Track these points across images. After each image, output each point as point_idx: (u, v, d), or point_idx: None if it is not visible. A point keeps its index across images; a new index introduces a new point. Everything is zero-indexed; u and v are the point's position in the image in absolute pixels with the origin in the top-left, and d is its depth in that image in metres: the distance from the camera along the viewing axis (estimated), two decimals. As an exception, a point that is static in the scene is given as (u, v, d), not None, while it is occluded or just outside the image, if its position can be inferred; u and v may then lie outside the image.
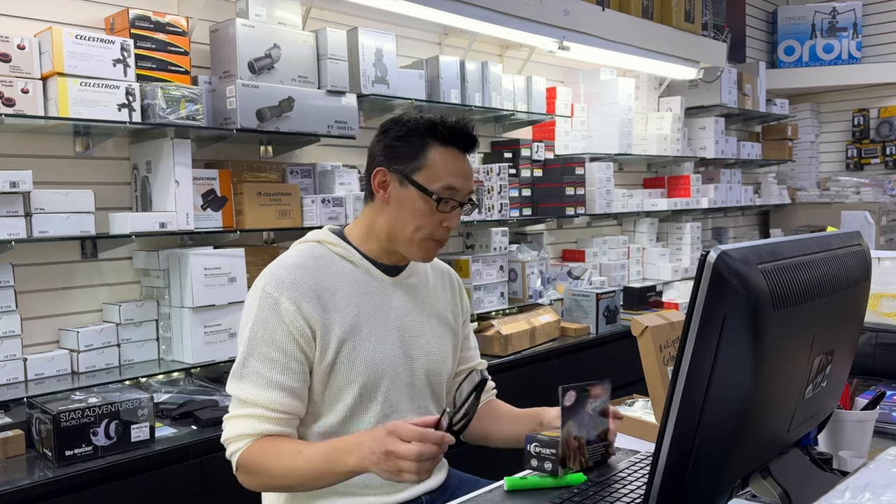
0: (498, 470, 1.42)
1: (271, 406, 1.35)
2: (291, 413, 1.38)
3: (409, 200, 1.43)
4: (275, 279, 1.39)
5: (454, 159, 1.44)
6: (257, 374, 1.36)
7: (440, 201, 1.42)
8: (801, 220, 5.41)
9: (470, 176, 1.48)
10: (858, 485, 0.80)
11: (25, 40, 1.98)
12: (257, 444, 1.35)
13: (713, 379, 0.86)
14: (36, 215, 1.97)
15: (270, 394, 1.35)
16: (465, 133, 1.46)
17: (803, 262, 0.96)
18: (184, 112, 2.17)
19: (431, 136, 1.44)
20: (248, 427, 1.36)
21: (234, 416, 1.38)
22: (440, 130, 1.44)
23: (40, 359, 2.11)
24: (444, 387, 1.57)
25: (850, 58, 5.52)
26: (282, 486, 1.38)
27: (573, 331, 3.20)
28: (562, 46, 3.30)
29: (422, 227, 1.43)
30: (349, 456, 1.26)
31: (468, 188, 1.47)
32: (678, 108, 4.30)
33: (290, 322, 1.36)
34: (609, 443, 1.39)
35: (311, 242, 1.49)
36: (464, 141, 1.46)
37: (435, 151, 1.43)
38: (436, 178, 1.42)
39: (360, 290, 1.45)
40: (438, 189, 1.42)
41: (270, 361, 1.36)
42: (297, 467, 1.31)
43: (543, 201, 3.50)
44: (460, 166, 1.45)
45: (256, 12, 2.43)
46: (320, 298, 1.40)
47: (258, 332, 1.37)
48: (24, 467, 1.76)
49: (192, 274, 2.22)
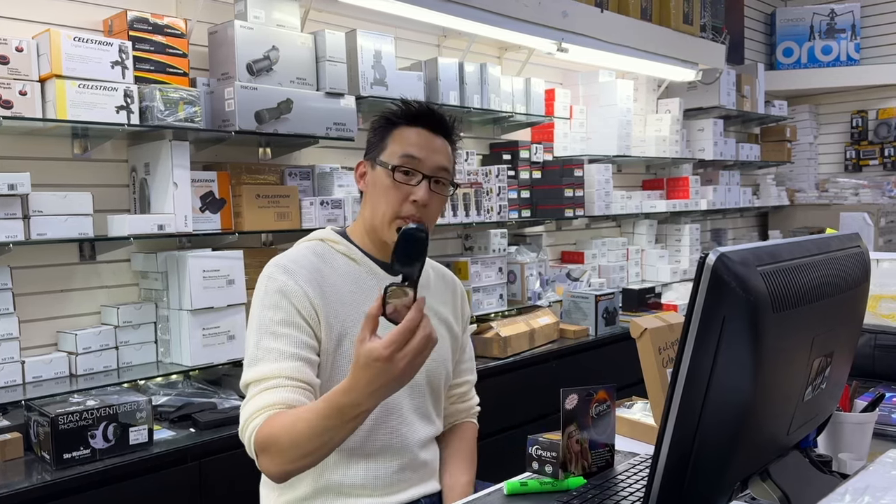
0: (497, 473, 1.42)
1: (289, 374, 1.30)
2: (309, 383, 1.32)
3: (378, 180, 1.46)
4: (280, 267, 1.40)
5: (417, 134, 1.45)
6: (271, 351, 1.32)
7: (395, 170, 1.42)
8: (799, 222, 5.42)
9: (437, 150, 1.46)
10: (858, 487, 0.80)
11: (23, 42, 1.98)
12: (279, 417, 1.25)
13: (712, 381, 0.86)
14: (34, 217, 1.97)
15: (287, 363, 1.31)
16: (429, 111, 1.47)
17: (802, 264, 0.95)
18: (182, 114, 2.17)
19: (396, 118, 1.47)
20: (264, 400, 1.28)
21: (250, 397, 1.31)
22: (404, 112, 1.47)
23: (38, 361, 2.10)
24: (442, 388, 1.57)
25: (848, 59, 5.53)
26: (296, 456, 1.22)
27: (572, 332, 3.20)
28: (560, 48, 3.30)
29: (390, 203, 1.43)
30: (351, 395, 1.15)
31: (434, 161, 1.45)
32: (677, 110, 4.30)
33: (299, 302, 1.36)
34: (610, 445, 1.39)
35: (314, 241, 1.50)
36: (429, 119, 1.47)
37: (398, 131, 1.46)
38: (395, 152, 1.44)
39: (362, 287, 1.45)
40: (396, 160, 1.43)
41: (284, 337, 1.34)
42: (307, 433, 1.20)
43: (542, 203, 3.50)
44: (424, 140, 1.45)
45: (255, 14, 2.43)
46: (322, 289, 1.40)
47: (267, 314, 1.36)
48: (22, 470, 1.75)
49: (190, 276, 2.22)
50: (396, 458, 1.44)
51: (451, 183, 1.51)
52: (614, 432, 1.40)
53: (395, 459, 1.44)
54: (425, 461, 1.50)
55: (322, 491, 1.41)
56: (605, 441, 1.38)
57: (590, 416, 1.35)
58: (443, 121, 1.49)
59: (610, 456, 1.39)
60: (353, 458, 1.41)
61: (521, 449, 1.35)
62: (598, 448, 1.36)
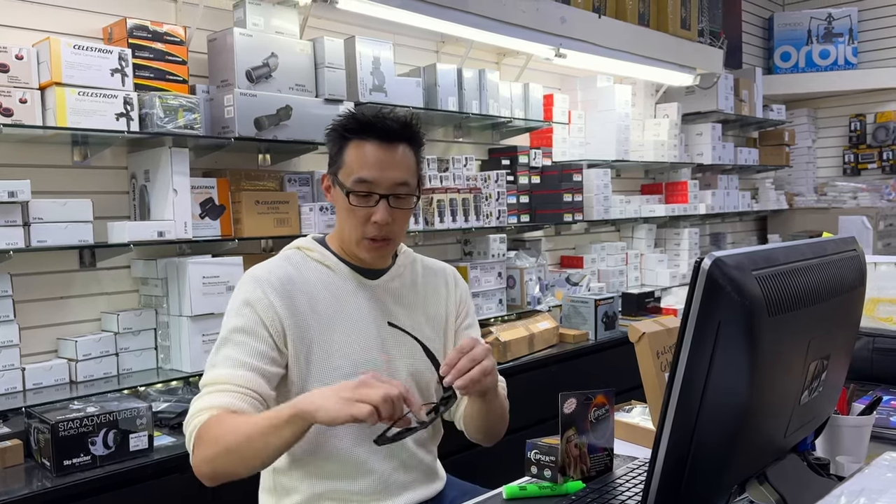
0: (496, 478, 1.42)
1: (239, 382, 1.32)
2: (260, 394, 1.33)
3: (338, 200, 1.46)
4: (251, 277, 1.43)
5: (369, 152, 1.40)
6: (229, 359, 1.35)
7: (350, 195, 1.41)
8: (798, 226, 5.42)
9: (393, 165, 1.41)
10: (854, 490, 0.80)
11: (23, 50, 1.99)
12: (219, 415, 1.27)
13: (709, 385, 0.87)
14: (34, 225, 1.98)
15: (240, 372, 1.33)
16: (377, 124, 1.40)
17: (798, 268, 0.96)
18: (182, 121, 2.18)
19: (346, 132, 1.43)
20: (212, 400, 1.30)
21: (199, 396, 1.33)
22: (354, 124, 1.42)
23: (38, 368, 2.11)
24: (431, 387, 1.54)
25: (846, 63, 5.54)
26: (230, 457, 1.24)
27: (572, 337, 3.20)
28: (558, 54, 3.32)
29: (353, 226, 1.43)
30: (299, 401, 1.20)
31: (388, 179, 1.40)
32: (675, 115, 4.31)
33: (263, 312, 1.37)
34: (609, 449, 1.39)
35: (291, 250, 1.52)
36: (382, 129, 1.40)
37: (351, 146, 1.43)
38: (349, 173, 1.42)
39: (336, 293, 1.46)
40: (350, 184, 1.41)
41: (243, 346, 1.36)
42: (243, 430, 1.22)
43: (541, 208, 3.50)
44: (375, 157, 1.40)
45: (254, 21, 2.44)
46: (293, 299, 1.41)
47: (231, 322, 1.39)
48: (22, 477, 1.76)
49: (190, 282, 2.22)
50: (390, 460, 1.45)
51: (415, 194, 1.46)
52: (613, 436, 1.41)
53: (389, 462, 1.45)
54: (421, 460, 1.51)
55: (318, 497, 1.42)
56: (604, 445, 1.38)
57: (588, 420, 1.35)
58: (397, 128, 1.42)
59: (609, 460, 1.39)
60: (346, 463, 1.42)
61: (521, 453, 1.36)
62: (597, 452, 1.37)
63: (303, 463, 1.43)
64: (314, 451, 1.42)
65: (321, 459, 1.42)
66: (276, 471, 1.47)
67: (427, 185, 2.93)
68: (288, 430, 1.20)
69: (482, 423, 1.52)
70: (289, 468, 1.45)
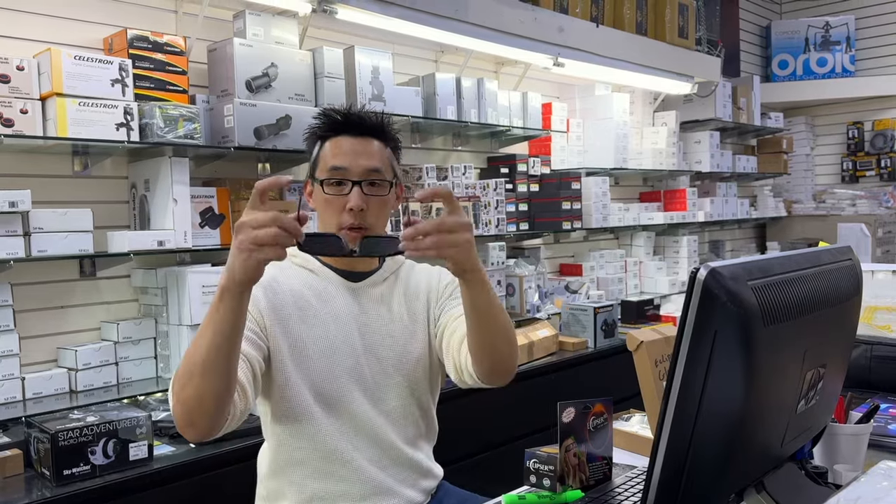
0: (495, 487, 1.42)
1: None
2: (243, 352, 1.30)
3: (318, 197, 1.49)
4: None
5: (342, 143, 1.47)
6: None
7: (323, 183, 1.45)
8: (797, 233, 5.43)
9: (365, 154, 1.45)
10: (850, 498, 0.81)
11: (24, 61, 2.00)
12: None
13: (705, 394, 0.87)
14: (34, 234, 1.98)
15: None
16: (351, 117, 1.47)
17: (793, 277, 0.97)
18: (182, 131, 2.19)
19: (323, 132, 1.49)
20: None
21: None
22: (327, 123, 1.48)
23: (38, 377, 2.11)
24: (422, 378, 1.52)
25: (843, 71, 5.56)
26: (192, 379, 1.17)
27: (571, 345, 3.20)
28: (557, 63, 3.33)
29: (330, 217, 1.45)
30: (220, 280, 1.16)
31: (360, 166, 1.44)
32: (673, 123, 4.32)
33: (250, 303, 1.35)
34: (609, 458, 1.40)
35: None
36: (355, 125, 1.47)
37: (327, 143, 1.49)
38: (325, 167, 1.47)
39: (318, 293, 1.48)
40: (324, 174, 1.46)
41: None
42: (194, 342, 1.19)
43: (540, 216, 3.51)
44: (349, 146, 1.46)
45: (254, 32, 2.45)
46: (277, 295, 1.43)
47: None
48: (21, 487, 1.76)
49: (190, 292, 2.23)
50: (379, 460, 1.46)
51: (390, 181, 1.48)
52: (612, 445, 1.41)
53: (378, 462, 1.46)
54: (410, 458, 1.51)
55: (308, 500, 1.44)
56: (603, 454, 1.38)
57: (587, 429, 1.35)
58: (371, 124, 1.48)
59: (608, 469, 1.39)
60: (334, 463, 1.43)
61: (519, 462, 1.36)
62: (596, 461, 1.37)
63: (292, 467, 1.45)
64: (303, 456, 1.43)
65: (310, 462, 1.43)
66: (267, 476, 1.49)
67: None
68: (223, 308, 1.14)
69: (480, 338, 1.36)
70: (278, 473, 1.46)
